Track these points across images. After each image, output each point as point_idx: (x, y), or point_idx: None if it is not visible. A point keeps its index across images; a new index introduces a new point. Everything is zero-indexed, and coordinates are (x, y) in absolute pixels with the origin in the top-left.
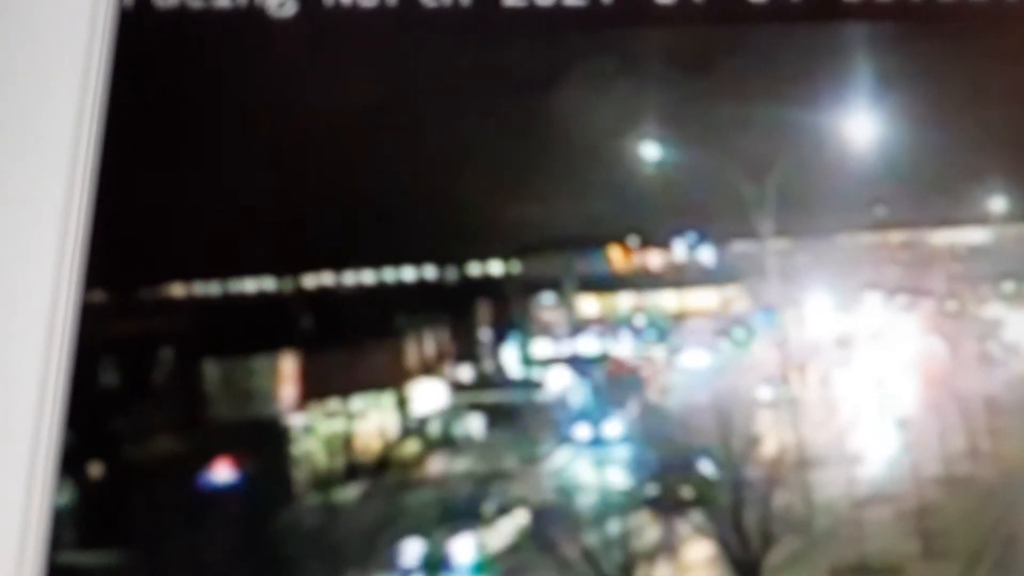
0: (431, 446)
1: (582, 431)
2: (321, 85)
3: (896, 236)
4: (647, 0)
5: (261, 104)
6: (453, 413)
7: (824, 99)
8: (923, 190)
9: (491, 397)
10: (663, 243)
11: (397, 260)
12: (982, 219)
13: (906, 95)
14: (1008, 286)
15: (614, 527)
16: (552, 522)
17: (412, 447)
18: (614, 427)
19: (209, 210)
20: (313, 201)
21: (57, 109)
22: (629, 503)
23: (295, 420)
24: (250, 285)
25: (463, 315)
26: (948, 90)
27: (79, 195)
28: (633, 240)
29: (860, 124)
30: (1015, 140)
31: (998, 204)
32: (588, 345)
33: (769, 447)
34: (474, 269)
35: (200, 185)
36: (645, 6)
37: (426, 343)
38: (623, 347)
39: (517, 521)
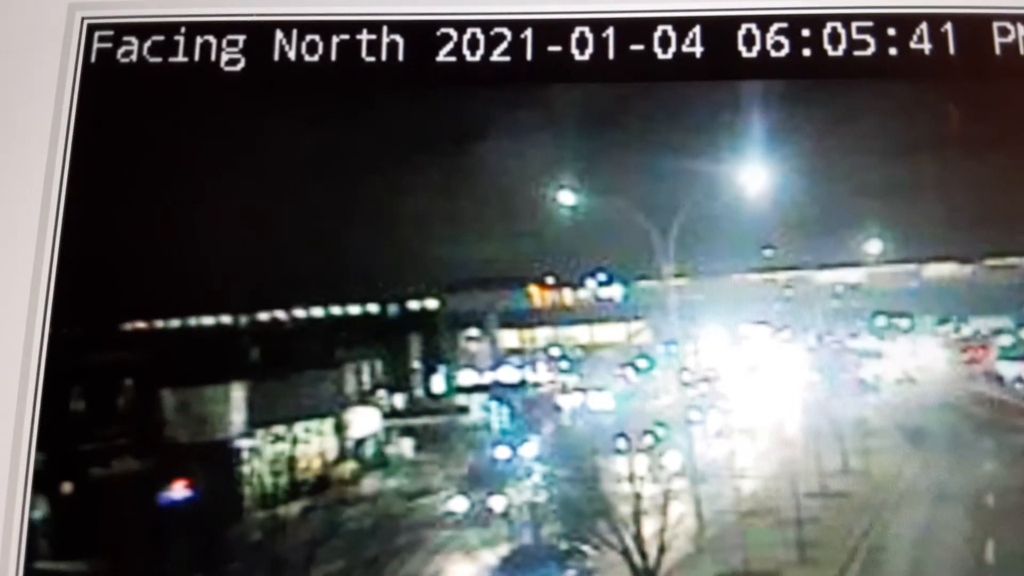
0: (366, 467)
1: (502, 452)
2: (267, 133)
3: (782, 276)
4: (565, 55)
5: (213, 151)
6: (386, 436)
7: (722, 151)
8: (807, 234)
9: (421, 421)
10: (576, 283)
11: (337, 298)
12: (858, 261)
13: (794, 148)
14: (880, 321)
15: None
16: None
17: (349, 467)
18: (530, 448)
19: (166, 252)
20: (260, 243)
21: (29, 155)
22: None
23: (244, 443)
24: (204, 321)
25: (397, 348)
26: (831, 144)
27: (50, 241)
28: (550, 280)
29: (753, 174)
30: (889, 190)
31: (873, 247)
32: (509, 374)
33: (667, 464)
34: (407, 306)
35: (159, 229)
36: (563, 61)
37: (363, 373)
38: (540, 376)
39: None
